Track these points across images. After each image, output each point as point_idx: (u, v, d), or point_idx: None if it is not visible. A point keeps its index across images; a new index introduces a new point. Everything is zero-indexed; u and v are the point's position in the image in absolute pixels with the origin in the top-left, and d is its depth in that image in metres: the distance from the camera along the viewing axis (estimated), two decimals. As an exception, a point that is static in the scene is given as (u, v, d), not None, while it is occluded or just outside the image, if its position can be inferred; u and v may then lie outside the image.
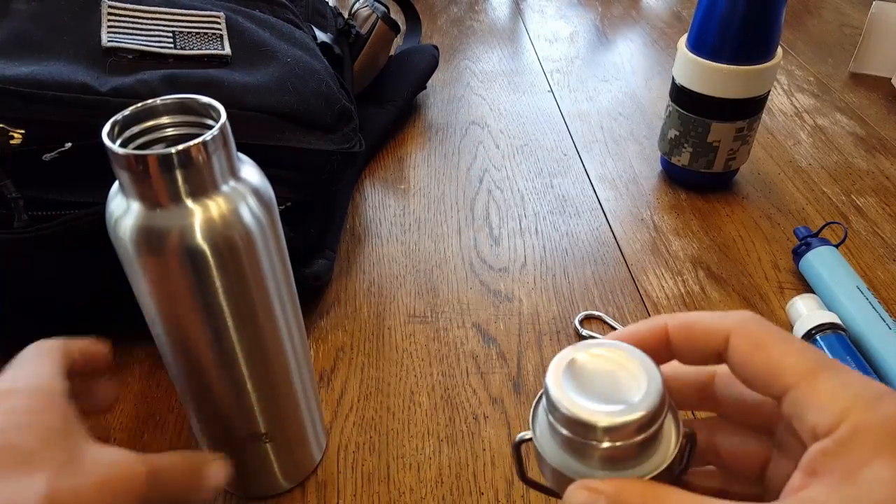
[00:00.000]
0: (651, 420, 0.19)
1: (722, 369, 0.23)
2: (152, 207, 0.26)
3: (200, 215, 0.26)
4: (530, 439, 0.22)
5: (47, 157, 0.39)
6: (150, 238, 0.26)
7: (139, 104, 0.28)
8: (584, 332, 0.46)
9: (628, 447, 0.20)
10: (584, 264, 0.53)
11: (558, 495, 0.21)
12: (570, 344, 0.22)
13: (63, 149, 0.39)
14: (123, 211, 0.27)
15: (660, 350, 0.22)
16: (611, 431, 0.19)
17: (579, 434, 0.20)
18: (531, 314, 0.48)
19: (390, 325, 0.47)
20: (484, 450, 0.39)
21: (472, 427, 0.41)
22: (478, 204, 0.60)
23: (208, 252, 0.27)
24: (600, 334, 0.46)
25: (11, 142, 0.39)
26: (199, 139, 0.26)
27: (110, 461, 0.25)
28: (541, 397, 0.22)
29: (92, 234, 0.40)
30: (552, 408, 0.20)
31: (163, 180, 0.26)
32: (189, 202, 0.26)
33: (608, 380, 0.21)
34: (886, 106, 0.73)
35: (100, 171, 0.42)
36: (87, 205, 0.40)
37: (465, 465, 0.38)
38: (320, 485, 0.37)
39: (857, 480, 0.17)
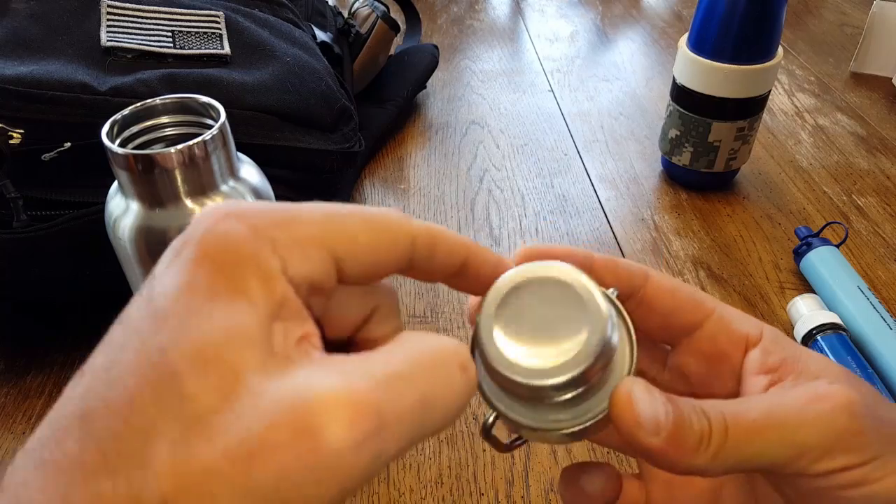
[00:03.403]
0: (598, 360, 0.18)
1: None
2: (151, 207, 0.26)
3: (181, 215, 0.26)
4: (496, 417, 0.20)
5: (46, 156, 0.39)
6: (149, 238, 0.26)
7: (139, 104, 0.28)
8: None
9: (582, 391, 0.18)
10: (585, 264, 0.52)
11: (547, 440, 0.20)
12: None
13: (62, 148, 0.39)
14: (122, 211, 0.27)
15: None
16: (560, 388, 0.18)
17: (534, 393, 0.18)
18: (531, 314, 0.48)
19: (390, 326, 0.47)
20: (484, 450, 0.39)
21: (473, 428, 0.40)
22: (478, 204, 0.59)
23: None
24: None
25: (10, 142, 0.39)
26: (199, 139, 0.26)
27: (305, 398, 0.14)
28: (474, 350, 0.20)
29: (91, 234, 0.40)
30: (497, 376, 0.18)
31: (162, 180, 0.26)
32: (188, 202, 0.26)
33: (548, 325, 0.18)
34: (887, 106, 0.73)
35: (99, 171, 0.42)
36: (87, 205, 0.40)
37: (465, 465, 0.38)
38: (320, 485, 0.37)
39: (810, 363, 0.21)
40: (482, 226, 0.57)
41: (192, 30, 0.46)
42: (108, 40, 0.43)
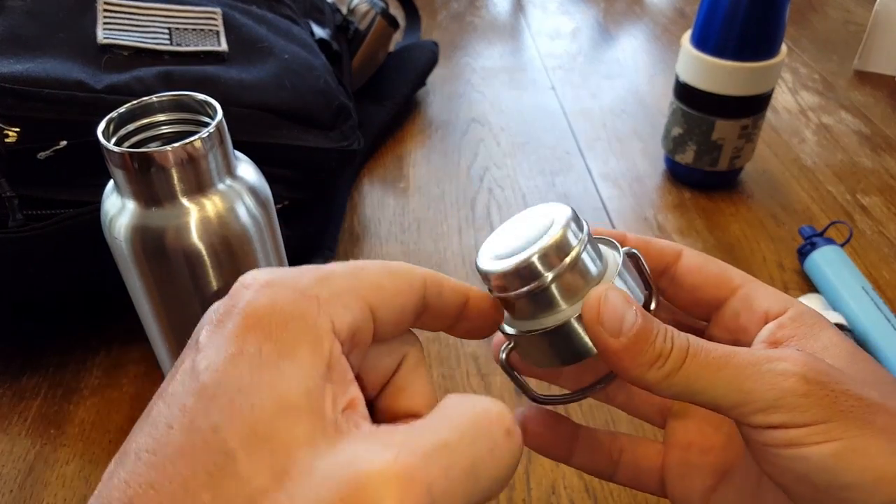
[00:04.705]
0: (558, 246, 0.21)
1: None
2: (147, 206, 0.26)
3: (196, 214, 0.26)
4: (511, 346, 0.23)
5: (42, 155, 0.39)
6: (145, 237, 0.26)
7: (135, 102, 0.28)
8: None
9: (568, 278, 0.21)
10: (586, 264, 0.52)
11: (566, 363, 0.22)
12: None
13: (58, 147, 0.39)
14: (118, 210, 0.26)
15: None
16: (508, 275, 0.21)
17: (527, 279, 0.21)
18: (532, 314, 0.48)
19: (390, 326, 0.47)
20: (484, 452, 0.39)
21: (473, 429, 0.40)
22: (478, 203, 0.59)
23: (204, 251, 0.26)
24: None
25: (6, 140, 0.38)
26: (195, 137, 0.25)
27: (354, 477, 0.14)
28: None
29: (87, 233, 0.40)
30: (485, 278, 0.22)
31: (158, 178, 0.25)
32: (185, 200, 0.26)
33: (520, 240, 0.22)
34: (891, 104, 0.72)
35: (95, 170, 0.41)
36: (83, 204, 0.39)
37: (465, 468, 0.38)
38: (318, 488, 0.37)
39: (817, 340, 0.21)
40: (483, 225, 0.56)
41: (189, 27, 0.45)
42: (104, 37, 0.42)
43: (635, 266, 0.24)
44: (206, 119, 0.28)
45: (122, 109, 0.27)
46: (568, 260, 0.21)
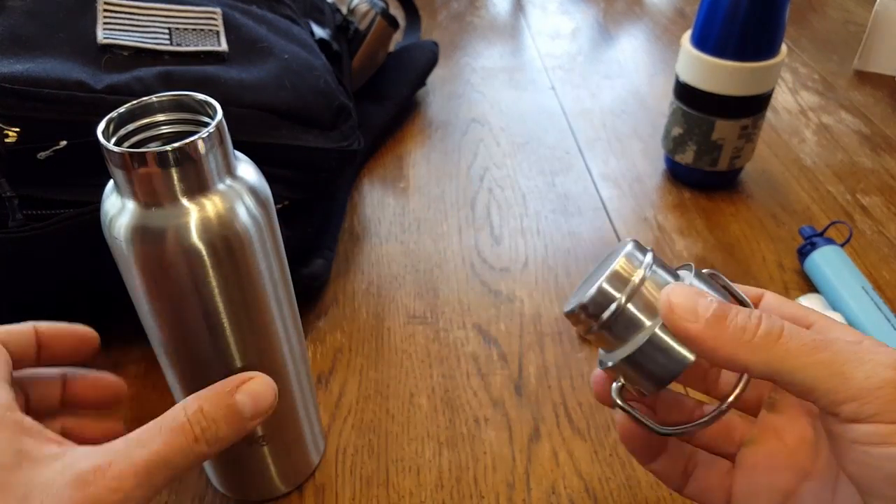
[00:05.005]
0: (604, 288, 0.24)
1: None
2: (147, 206, 0.26)
3: (196, 214, 0.26)
4: (620, 384, 0.25)
5: (42, 155, 0.39)
6: (144, 237, 0.26)
7: (134, 101, 0.28)
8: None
9: (616, 317, 0.24)
10: (587, 264, 0.52)
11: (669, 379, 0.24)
12: (571, 345, 0.25)
13: (58, 147, 0.39)
14: (118, 210, 0.26)
15: None
16: (582, 309, 0.24)
17: (603, 306, 0.24)
18: (533, 315, 0.48)
19: (389, 326, 0.47)
20: (485, 453, 0.39)
21: (473, 430, 0.40)
22: (478, 203, 0.59)
23: (204, 252, 0.26)
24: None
25: (6, 140, 0.38)
26: (195, 136, 0.25)
27: (73, 483, 0.21)
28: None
29: (87, 233, 0.39)
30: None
31: (158, 178, 0.25)
32: (185, 201, 0.26)
33: (596, 274, 0.26)
34: (891, 104, 0.72)
35: (95, 170, 0.41)
36: (82, 204, 0.39)
37: (465, 468, 0.38)
38: (318, 488, 0.37)
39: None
40: (483, 225, 0.56)
41: (189, 27, 0.45)
42: (104, 38, 0.42)
43: (718, 283, 0.25)
44: (206, 119, 0.28)
45: (121, 109, 0.27)
46: (636, 278, 0.23)
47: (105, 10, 0.44)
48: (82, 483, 0.21)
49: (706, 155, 0.56)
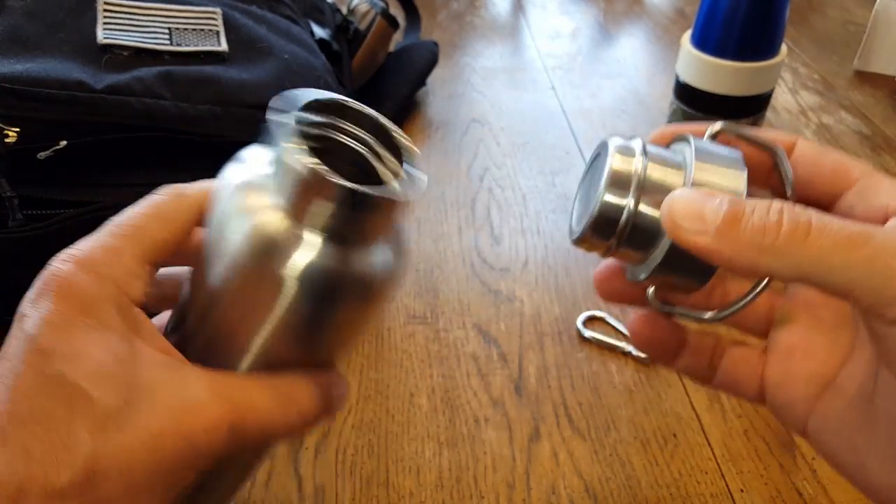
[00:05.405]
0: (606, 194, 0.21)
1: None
2: (341, 245, 0.21)
3: (378, 260, 0.22)
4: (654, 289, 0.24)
5: (42, 155, 0.39)
6: (329, 280, 0.21)
7: (330, 97, 0.23)
8: (587, 334, 0.45)
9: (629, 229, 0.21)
10: (587, 264, 0.52)
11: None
12: (571, 345, 0.23)
13: (58, 147, 0.39)
14: (290, 238, 0.21)
15: None
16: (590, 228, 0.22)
17: (612, 225, 0.21)
18: (533, 315, 0.48)
19: (389, 327, 0.47)
20: (485, 453, 0.39)
21: (473, 430, 0.40)
22: (478, 203, 0.59)
23: (368, 301, 0.23)
24: (603, 335, 0.45)
25: (6, 140, 0.38)
26: (420, 185, 0.22)
27: (184, 405, 0.20)
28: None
29: (87, 233, 0.40)
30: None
31: (374, 220, 0.21)
32: (371, 245, 0.22)
33: (588, 187, 0.23)
34: (891, 104, 0.72)
35: (95, 170, 0.41)
36: (83, 204, 0.39)
37: (465, 468, 0.38)
38: (318, 488, 0.37)
39: None
40: (483, 225, 0.56)
41: (189, 27, 0.45)
42: (104, 37, 0.42)
43: (731, 138, 0.22)
44: (390, 160, 0.24)
45: (321, 98, 0.23)
46: (636, 171, 0.20)
47: (105, 10, 0.44)
48: (190, 411, 0.20)
49: (706, 155, 0.56)
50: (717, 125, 0.22)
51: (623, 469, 0.38)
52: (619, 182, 0.21)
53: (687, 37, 0.55)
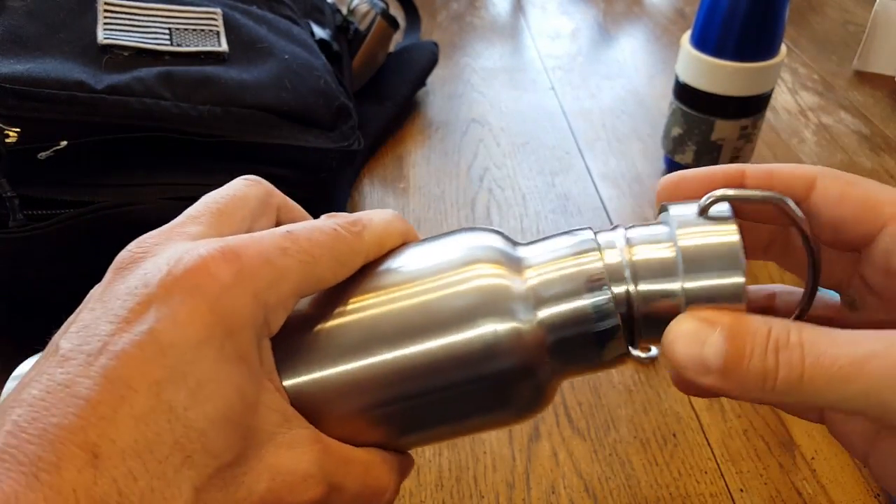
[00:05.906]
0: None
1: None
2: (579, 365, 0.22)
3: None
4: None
5: (42, 155, 0.39)
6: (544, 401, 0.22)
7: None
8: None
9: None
10: (586, 264, 0.52)
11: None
12: None
13: (58, 147, 0.39)
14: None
15: None
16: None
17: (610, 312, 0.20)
18: (532, 314, 0.48)
19: (390, 326, 0.47)
20: (485, 453, 0.39)
21: (473, 429, 0.40)
22: (478, 203, 0.59)
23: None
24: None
25: (6, 140, 0.38)
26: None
27: (291, 478, 0.18)
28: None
29: (87, 233, 0.40)
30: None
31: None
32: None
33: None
34: (891, 104, 0.72)
35: (95, 170, 0.41)
36: (83, 204, 0.39)
37: (465, 468, 0.38)
38: (318, 488, 0.37)
39: None
40: (482, 225, 0.56)
41: (189, 27, 0.45)
42: (104, 38, 0.42)
43: (717, 220, 0.19)
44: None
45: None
46: (622, 259, 0.20)
47: (105, 11, 0.44)
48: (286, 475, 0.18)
49: (706, 155, 0.56)
50: (711, 198, 0.20)
51: (623, 469, 0.38)
52: (600, 279, 0.20)
53: (686, 37, 0.55)
